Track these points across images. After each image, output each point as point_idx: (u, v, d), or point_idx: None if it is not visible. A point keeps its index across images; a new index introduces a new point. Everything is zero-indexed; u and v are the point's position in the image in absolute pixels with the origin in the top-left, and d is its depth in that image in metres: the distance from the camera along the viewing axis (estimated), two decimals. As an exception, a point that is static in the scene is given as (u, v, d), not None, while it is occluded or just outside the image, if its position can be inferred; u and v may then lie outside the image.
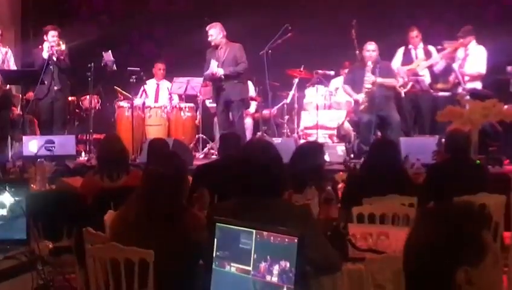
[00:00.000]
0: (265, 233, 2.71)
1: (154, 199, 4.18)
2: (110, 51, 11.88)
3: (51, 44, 11.48)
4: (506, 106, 9.83)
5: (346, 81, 11.53)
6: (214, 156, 10.99)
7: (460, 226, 2.22)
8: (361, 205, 5.69)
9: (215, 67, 11.02)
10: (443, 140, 7.79)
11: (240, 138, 8.02)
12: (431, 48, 11.81)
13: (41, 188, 7.19)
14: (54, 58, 11.43)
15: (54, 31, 11.62)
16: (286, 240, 2.65)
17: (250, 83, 12.49)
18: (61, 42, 11.50)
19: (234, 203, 3.71)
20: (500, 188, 7.20)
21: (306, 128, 12.06)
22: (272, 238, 2.69)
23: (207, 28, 11.18)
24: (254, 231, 2.75)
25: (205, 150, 11.82)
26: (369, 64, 10.91)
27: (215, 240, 2.89)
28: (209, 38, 11.14)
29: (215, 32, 11.12)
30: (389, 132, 10.89)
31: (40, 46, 11.62)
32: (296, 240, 2.62)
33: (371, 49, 11.00)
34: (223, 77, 11.06)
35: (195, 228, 4.06)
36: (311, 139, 11.45)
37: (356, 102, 11.18)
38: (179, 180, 4.26)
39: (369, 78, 10.89)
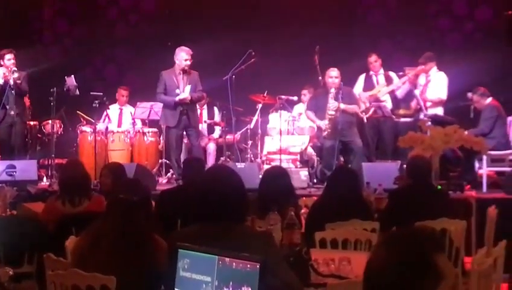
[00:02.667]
0: (227, 259, 2.72)
1: (118, 224, 4.16)
2: (72, 75, 11.84)
3: (8, 67, 11.36)
4: (466, 132, 9.96)
5: (309, 107, 11.61)
6: (178, 181, 10.95)
7: (413, 252, 2.24)
8: (324, 230, 5.73)
9: (187, 92, 11.05)
10: (405, 166, 7.86)
11: (203, 162, 8.03)
12: (392, 73, 11.94)
13: (2, 214, 7.13)
14: (11, 82, 11.29)
15: (9, 54, 11.51)
16: (248, 266, 2.65)
17: (214, 108, 12.56)
18: (14, 69, 11.35)
19: (196, 230, 3.71)
20: (461, 214, 7.31)
21: (269, 153, 12.06)
22: (234, 264, 2.70)
23: (187, 51, 11.18)
24: (216, 257, 2.76)
25: (168, 174, 11.79)
26: (332, 90, 11.00)
27: (178, 266, 2.89)
28: (188, 62, 11.13)
29: (190, 57, 11.15)
30: (352, 158, 10.99)
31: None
32: (258, 266, 2.63)
33: (333, 75, 11.11)
34: (189, 102, 11.09)
35: (157, 253, 4.06)
36: (274, 164, 11.47)
37: (319, 128, 11.27)
38: (142, 206, 4.26)
39: (332, 105, 10.99)
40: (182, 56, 11.13)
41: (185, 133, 11.44)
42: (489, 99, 10.95)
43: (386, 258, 2.23)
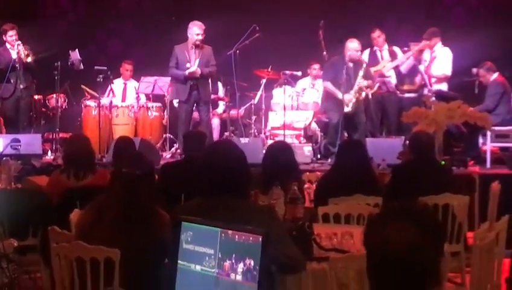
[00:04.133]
0: (230, 232, 2.74)
1: (121, 198, 4.19)
2: (77, 50, 11.83)
3: (14, 43, 11.41)
4: (471, 109, 9.96)
5: (327, 78, 11.15)
6: (181, 156, 10.95)
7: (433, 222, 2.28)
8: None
9: (195, 66, 11.02)
10: (407, 141, 7.88)
11: (204, 136, 8.05)
12: (396, 48, 11.90)
13: (7, 187, 7.15)
14: (28, 60, 11.36)
15: (12, 30, 11.56)
16: (251, 238, 2.67)
17: (218, 83, 12.55)
18: (28, 54, 11.41)
19: (199, 204, 3.73)
20: (464, 189, 7.31)
21: (273, 128, 12.08)
22: (236, 237, 2.72)
23: (199, 26, 11.10)
24: (219, 229, 2.78)
25: (172, 149, 11.80)
26: (364, 66, 10.85)
27: (181, 238, 2.91)
28: (200, 37, 11.05)
29: (204, 31, 11.10)
30: (354, 133, 10.92)
31: (3, 47, 11.56)
32: (260, 239, 2.65)
33: (357, 48, 10.87)
34: (199, 76, 11.06)
35: (161, 227, 4.09)
36: (278, 139, 11.47)
37: (340, 101, 10.86)
38: (146, 181, 4.28)
39: (362, 82, 10.81)
40: (194, 30, 11.08)
41: (195, 107, 11.40)
42: (495, 75, 10.92)
43: (411, 232, 2.25)
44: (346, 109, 10.74)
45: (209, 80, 11.43)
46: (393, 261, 2.23)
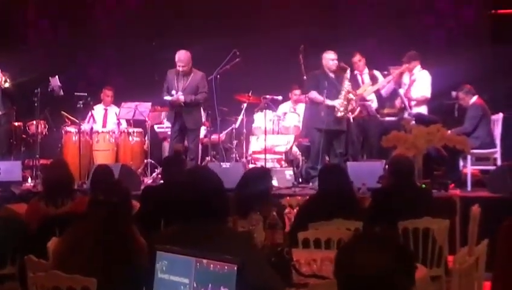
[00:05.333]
0: (204, 261, 2.72)
1: (98, 226, 4.16)
2: (56, 76, 11.80)
3: None
4: (449, 131, 10.00)
5: (311, 87, 11.13)
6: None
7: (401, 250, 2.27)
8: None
9: (179, 94, 11.02)
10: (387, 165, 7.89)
11: (183, 161, 8.04)
12: (376, 72, 11.96)
13: (-15, 215, 7.09)
14: (1, 82, 11.32)
15: None
16: (226, 267, 2.65)
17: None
18: (6, 80, 11.38)
19: (176, 231, 3.70)
20: (445, 212, 7.32)
21: (254, 152, 12.09)
22: (211, 265, 2.70)
23: (180, 55, 11.09)
24: (194, 258, 2.76)
25: (153, 175, 11.76)
26: (348, 72, 10.96)
27: (156, 267, 2.89)
28: (180, 68, 11.04)
29: (186, 62, 11.08)
30: (335, 157, 10.93)
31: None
32: (235, 268, 2.63)
33: (334, 57, 11.00)
34: (182, 104, 11.05)
35: (138, 254, 4.06)
36: (259, 163, 11.47)
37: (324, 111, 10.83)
38: (122, 208, 4.25)
39: (348, 87, 10.92)
40: (176, 59, 11.09)
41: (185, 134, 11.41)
42: (474, 98, 10.96)
43: (376, 257, 2.24)
44: (339, 114, 10.81)
45: (197, 107, 11.41)
46: (362, 287, 2.23)
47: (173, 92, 11.05)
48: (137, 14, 14.76)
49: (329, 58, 10.98)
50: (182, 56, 11.06)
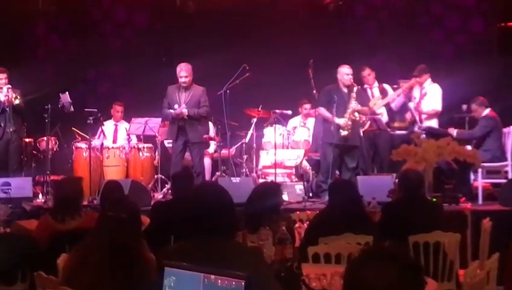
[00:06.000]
0: (212, 276, 2.71)
1: (106, 242, 4.16)
2: (67, 92, 11.83)
3: (3, 86, 11.42)
4: (455, 132, 9.97)
5: (321, 103, 11.15)
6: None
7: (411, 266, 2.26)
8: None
9: (182, 106, 11.04)
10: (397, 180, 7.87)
11: (192, 176, 8.04)
12: (386, 86, 11.96)
13: (-4, 231, 7.12)
14: (15, 103, 11.36)
15: (1, 74, 11.61)
16: (233, 283, 2.64)
17: (209, 123, 12.56)
18: (17, 96, 11.41)
19: (185, 246, 3.69)
20: (456, 226, 7.30)
21: (264, 167, 12.08)
22: (219, 281, 2.69)
23: (182, 67, 11.12)
24: (202, 274, 2.74)
25: (164, 190, 11.76)
26: (355, 90, 10.81)
27: (164, 283, 2.88)
28: (183, 79, 11.08)
29: (189, 73, 11.10)
30: (347, 171, 10.91)
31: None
32: (243, 283, 2.62)
33: (349, 72, 10.88)
34: (186, 117, 11.06)
35: (146, 270, 4.05)
36: (269, 178, 11.47)
37: (337, 126, 10.80)
38: (131, 224, 4.25)
39: (355, 106, 10.78)
40: (178, 72, 11.11)
41: (188, 148, 11.40)
42: (487, 110, 10.95)
43: (385, 272, 2.23)
44: (343, 133, 10.72)
45: (200, 121, 11.40)
46: None
47: (176, 106, 11.07)
48: (147, 31, 14.84)
49: (344, 73, 10.89)
50: (184, 67, 11.09)
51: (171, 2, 14.41)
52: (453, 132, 10.91)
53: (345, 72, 10.90)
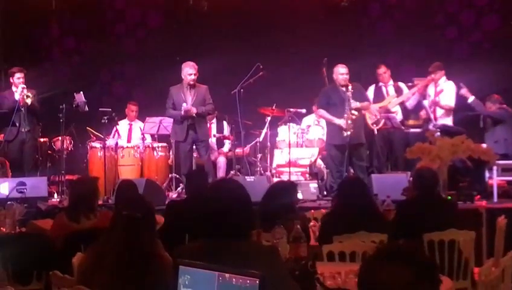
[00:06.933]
0: (227, 275, 2.71)
1: (121, 241, 4.17)
2: (81, 92, 11.87)
3: (18, 85, 11.46)
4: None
5: (321, 105, 11.21)
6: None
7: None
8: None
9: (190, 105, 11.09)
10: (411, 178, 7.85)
11: (206, 175, 8.05)
12: (401, 84, 11.95)
13: (11, 231, 7.13)
14: (28, 102, 11.40)
15: (19, 73, 11.62)
16: (248, 281, 2.65)
17: (223, 122, 12.59)
18: (29, 94, 11.43)
19: (200, 245, 3.68)
20: (471, 224, 7.28)
21: (279, 166, 12.08)
22: (234, 280, 2.69)
23: (191, 66, 11.16)
24: (216, 273, 2.75)
25: (178, 189, 11.78)
26: (350, 88, 10.74)
27: (178, 282, 2.89)
28: (192, 77, 11.13)
29: (197, 71, 11.16)
30: (358, 169, 10.90)
31: (9, 90, 11.62)
32: (257, 282, 2.62)
33: (344, 72, 10.89)
34: (195, 115, 11.10)
35: (162, 270, 4.06)
36: (284, 177, 11.47)
37: (336, 127, 10.88)
38: (146, 223, 4.26)
39: (353, 104, 10.76)
40: (187, 71, 11.15)
41: (195, 147, 11.45)
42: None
43: (399, 271, 2.24)
44: (345, 133, 10.70)
45: (207, 119, 11.50)
46: None
47: (184, 104, 11.10)
48: (161, 30, 14.87)
49: (339, 73, 10.94)
50: (193, 66, 11.14)
51: (184, 2, 14.41)
52: (470, 97, 10.95)
53: (339, 72, 10.93)
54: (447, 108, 11.39)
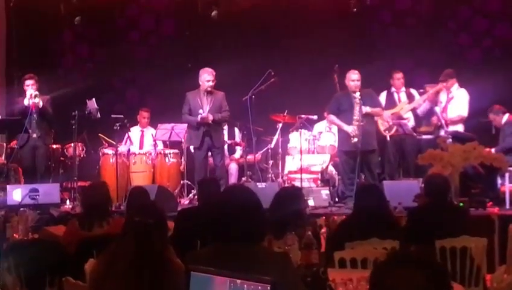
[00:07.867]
0: (238, 281, 2.73)
1: (133, 248, 4.17)
2: (94, 98, 11.92)
3: (29, 92, 11.51)
4: (493, 150, 9.91)
5: (332, 111, 11.27)
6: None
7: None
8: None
9: (207, 112, 11.16)
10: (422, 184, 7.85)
11: (218, 183, 8.07)
12: (413, 91, 11.94)
13: (24, 238, 7.16)
14: (40, 104, 11.45)
15: (29, 80, 11.68)
16: (259, 287, 2.66)
17: (235, 129, 12.61)
18: (36, 95, 11.48)
19: (212, 251, 3.70)
20: (483, 231, 7.25)
21: (290, 172, 12.08)
22: (245, 286, 2.70)
23: (209, 72, 11.25)
24: (228, 279, 2.77)
25: (190, 195, 11.80)
26: (357, 95, 10.78)
27: (190, 288, 2.90)
28: (210, 83, 11.19)
29: (214, 77, 11.26)
30: (370, 175, 10.90)
31: (22, 97, 11.67)
32: (268, 288, 2.63)
33: (356, 78, 10.92)
34: (211, 122, 11.15)
35: (174, 276, 4.06)
36: (295, 183, 11.46)
37: (346, 134, 10.93)
38: (158, 229, 4.27)
39: (364, 110, 10.81)
40: (205, 77, 11.21)
41: (210, 153, 11.48)
42: (506, 116, 10.95)
43: (410, 277, 2.24)
44: (353, 140, 10.72)
45: (222, 126, 11.55)
46: None
47: (200, 111, 11.15)
48: (173, 38, 14.90)
49: (350, 79, 10.99)
50: (211, 72, 11.20)
51: (196, 9, 14.45)
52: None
53: (350, 78, 10.98)
54: (457, 119, 11.35)
